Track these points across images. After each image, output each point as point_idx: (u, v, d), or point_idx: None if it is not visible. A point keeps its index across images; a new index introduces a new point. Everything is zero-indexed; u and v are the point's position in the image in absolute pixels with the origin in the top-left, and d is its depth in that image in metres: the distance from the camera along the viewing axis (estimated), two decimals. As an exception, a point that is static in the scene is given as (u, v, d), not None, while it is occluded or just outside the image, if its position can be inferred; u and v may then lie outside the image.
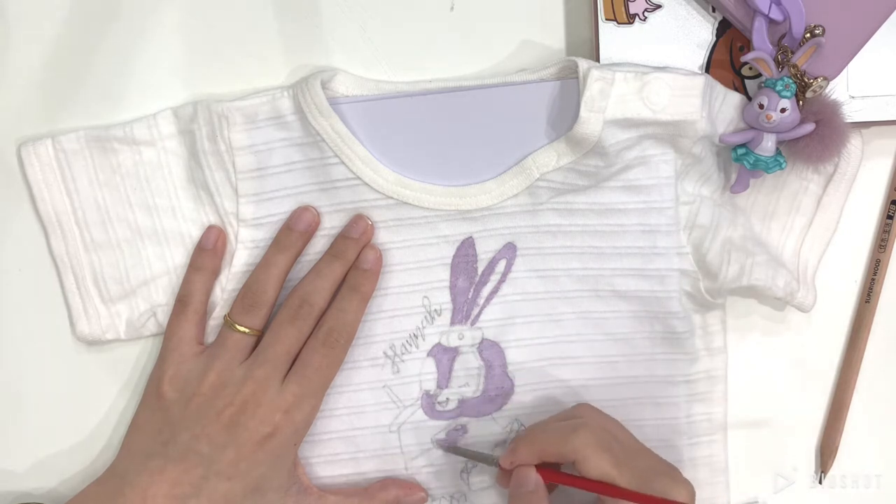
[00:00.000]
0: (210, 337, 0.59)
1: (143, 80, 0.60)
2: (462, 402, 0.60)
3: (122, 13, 0.59)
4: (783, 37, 0.56)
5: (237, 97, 0.58)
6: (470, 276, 0.59)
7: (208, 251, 0.58)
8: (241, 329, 0.57)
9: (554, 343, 0.60)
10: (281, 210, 0.58)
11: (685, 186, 0.59)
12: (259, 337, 0.58)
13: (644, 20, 0.58)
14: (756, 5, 0.55)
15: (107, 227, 0.59)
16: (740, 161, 0.57)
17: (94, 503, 0.55)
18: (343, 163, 0.57)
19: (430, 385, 0.60)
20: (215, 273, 0.59)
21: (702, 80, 0.56)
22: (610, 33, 0.58)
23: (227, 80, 0.60)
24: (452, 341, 0.60)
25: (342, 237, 0.58)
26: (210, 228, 0.59)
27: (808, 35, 0.55)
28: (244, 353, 0.57)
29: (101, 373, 0.61)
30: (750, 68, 0.58)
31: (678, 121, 0.56)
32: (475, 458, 0.59)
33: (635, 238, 0.58)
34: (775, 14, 0.55)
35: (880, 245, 0.62)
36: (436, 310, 0.59)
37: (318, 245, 0.59)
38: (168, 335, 0.58)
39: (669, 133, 0.56)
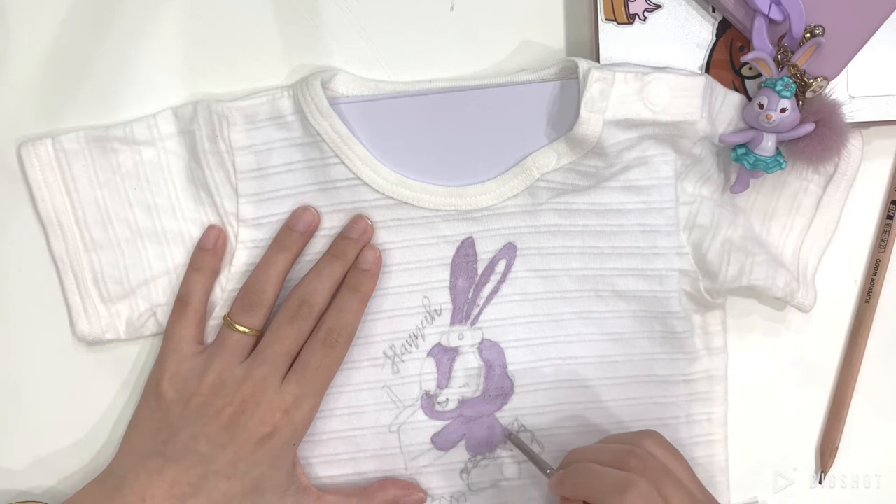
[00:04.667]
0: (210, 337, 0.59)
1: (143, 80, 0.60)
2: (462, 402, 0.60)
3: (121, 13, 0.59)
4: (783, 37, 0.56)
5: (237, 97, 0.58)
6: (470, 276, 0.59)
7: (208, 251, 0.58)
8: (241, 329, 0.57)
9: (554, 343, 0.60)
10: (281, 210, 0.58)
11: (685, 187, 0.59)
12: (259, 337, 0.58)
13: (644, 20, 0.58)
14: (756, 5, 0.55)
15: (107, 227, 0.59)
16: (740, 161, 0.57)
17: (92, 503, 0.55)
18: (343, 163, 0.57)
19: (430, 385, 0.60)
20: (215, 273, 0.59)
21: (702, 81, 0.56)
22: (610, 33, 0.58)
23: (227, 80, 0.60)
24: (452, 341, 0.60)
25: (342, 237, 0.58)
26: (210, 228, 0.59)
27: (808, 35, 0.55)
28: (244, 353, 0.57)
29: (101, 373, 0.61)
30: (750, 68, 0.58)
31: (678, 121, 0.56)
32: (533, 459, 0.58)
33: (635, 238, 0.58)
34: (775, 14, 0.55)
35: (880, 245, 0.62)
36: (436, 310, 0.59)
37: (318, 245, 0.59)
38: (167, 335, 0.58)
39: (669, 133, 0.56)
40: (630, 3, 0.58)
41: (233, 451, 0.55)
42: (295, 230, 0.58)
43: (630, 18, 0.58)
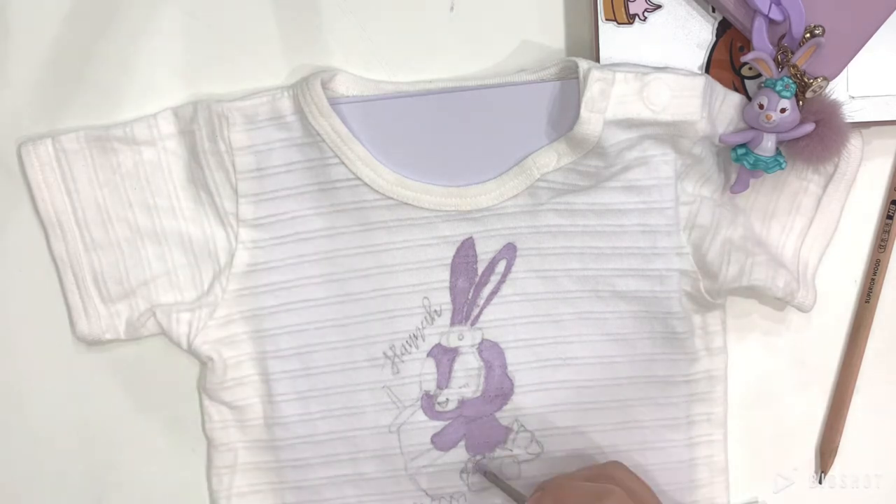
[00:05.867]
0: (211, 337, 0.59)
1: (143, 80, 0.60)
2: (462, 402, 0.60)
3: (122, 13, 0.59)
4: (783, 37, 0.56)
5: (237, 97, 0.58)
6: (470, 277, 0.59)
7: None
8: None
9: (554, 344, 0.60)
10: (281, 210, 0.58)
11: (685, 187, 0.59)
12: None
13: (644, 20, 0.58)
14: (756, 5, 0.55)
15: (107, 227, 0.59)
16: (740, 161, 0.57)
17: None
18: (343, 163, 0.57)
19: (430, 385, 0.60)
20: None
21: (702, 81, 0.56)
22: (610, 33, 0.58)
23: (227, 80, 0.60)
24: (452, 342, 0.60)
25: None
26: None
27: (808, 35, 0.55)
28: None
29: (101, 373, 0.61)
30: (750, 68, 0.58)
31: (678, 121, 0.56)
32: (506, 490, 0.59)
33: (635, 238, 0.58)
34: (775, 14, 0.55)
35: (880, 245, 0.62)
36: (436, 310, 0.59)
37: (320, 245, 0.59)
38: None
39: (670, 133, 0.56)
40: (630, 3, 0.58)
41: None
42: None
43: (630, 18, 0.58)
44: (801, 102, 0.56)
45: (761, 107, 0.56)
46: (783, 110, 0.55)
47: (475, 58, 0.60)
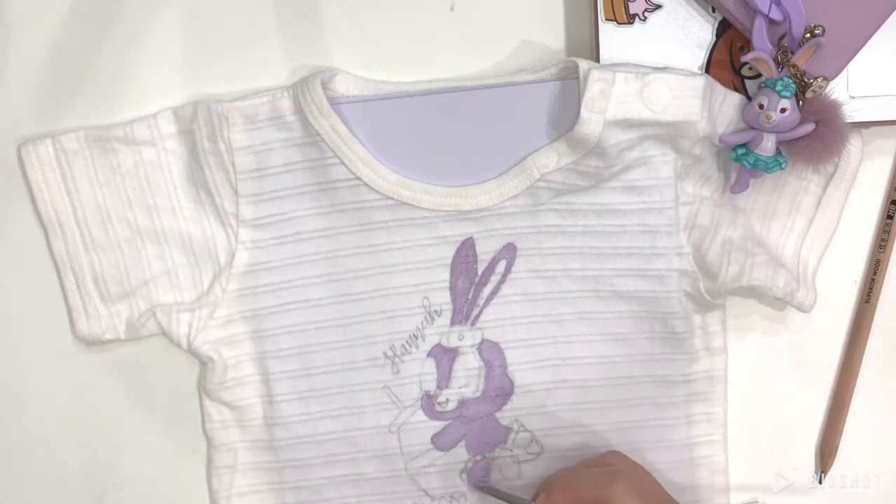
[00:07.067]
0: (212, 336, 0.59)
1: (143, 80, 0.60)
2: (462, 402, 0.60)
3: (122, 13, 0.59)
4: (783, 37, 0.56)
5: (237, 97, 0.58)
6: (470, 277, 0.59)
7: None
8: None
9: (554, 343, 0.60)
10: (281, 210, 0.58)
11: (685, 187, 0.59)
12: None
13: (644, 20, 0.58)
14: (756, 5, 0.55)
15: (107, 227, 0.59)
16: (740, 161, 0.57)
17: None
18: (343, 163, 0.57)
19: (430, 385, 0.60)
20: None
21: (702, 81, 0.56)
22: (610, 33, 0.58)
23: (227, 80, 0.60)
24: (452, 342, 0.60)
25: None
26: None
27: (808, 35, 0.55)
28: None
29: (101, 373, 0.61)
30: (750, 68, 0.58)
31: (678, 121, 0.56)
32: (508, 500, 0.58)
33: (635, 238, 0.58)
34: (775, 14, 0.55)
35: (880, 245, 0.62)
36: (436, 310, 0.59)
37: (321, 245, 0.59)
38: None
39: (670, 134, 0.56)
40: (630, 3, 0.58)
41: None
42: None
43: (630, 18, 0.58)
44: (801, 102, 0.56)
45: (761, 107, 0.56)
46: (783, 110, 0.55)
47: (475, 58, 0.60)
